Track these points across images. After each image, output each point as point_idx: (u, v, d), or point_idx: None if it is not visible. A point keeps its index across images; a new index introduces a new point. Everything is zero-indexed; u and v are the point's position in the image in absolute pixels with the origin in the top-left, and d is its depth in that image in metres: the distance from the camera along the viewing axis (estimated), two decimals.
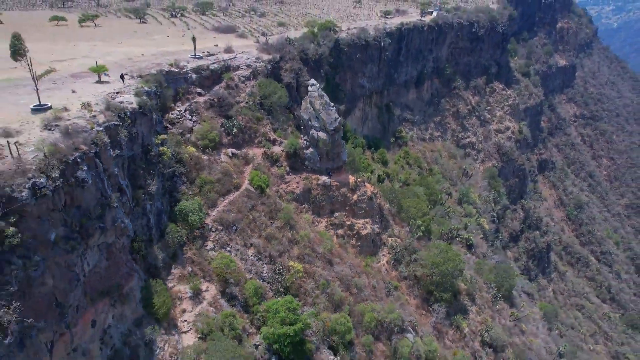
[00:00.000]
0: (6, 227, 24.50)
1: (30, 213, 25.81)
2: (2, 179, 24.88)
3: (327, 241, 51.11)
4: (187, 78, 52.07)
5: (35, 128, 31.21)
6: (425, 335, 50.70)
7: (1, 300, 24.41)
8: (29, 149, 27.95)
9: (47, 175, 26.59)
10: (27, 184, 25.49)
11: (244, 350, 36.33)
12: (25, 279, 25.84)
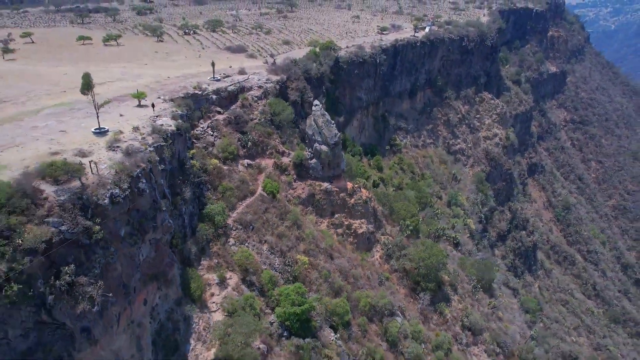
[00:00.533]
0: (93, 226, 33.23)
1: (109, 215, 34.54)
2: (90, 191, 33.65)
3: (328, 238, 59.97)
4: (208, 99, 60.85)
5: (102, 149, 39.88)
6: (412, 318, 59.56)
7: (90, 279, 33.13)
8: (103, 166, 36.66)
9: (119, 187, 35.35)
10: (107, 193, 34.23)
11: (262, 325, 45.13)
12: (105, 265, 34.54)
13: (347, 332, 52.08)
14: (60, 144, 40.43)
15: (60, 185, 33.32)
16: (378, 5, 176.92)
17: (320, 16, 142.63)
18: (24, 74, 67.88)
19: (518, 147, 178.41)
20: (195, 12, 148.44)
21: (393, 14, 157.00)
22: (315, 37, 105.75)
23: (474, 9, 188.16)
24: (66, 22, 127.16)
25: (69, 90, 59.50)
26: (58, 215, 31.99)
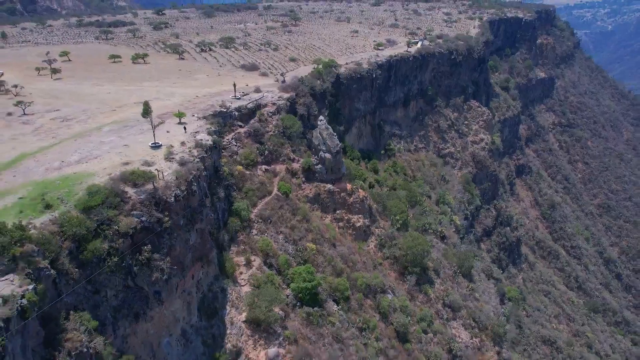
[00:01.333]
0: (163, 217, 45.85)
1: (173, 210, 47.16)
2: (160, 191, 46.30)
3: (331, 230, 72.65)
4: (231, 115, 73.47)
5: (160, 160, 52.43)
6: (400, 296, 72.27)
7: (161, 256, 45.78)
8: (166, 173, 49.27)
9: (179, 189, 48.00)
10: (172, 194, 46.88)
11: (281, 296, 57.84)
12: (170, 246, 47.19)
13: (347, 304, 64.85)
14: (127, 156, 53.03)
15: (138, 188, 46.02)
16: (376, 18, 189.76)
17: (321, 30, 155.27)
18: (75, 94, 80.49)
19: (507, 150, 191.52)
20: (206, 26, 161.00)
21: (389, 27, 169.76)
22: (318, 54, 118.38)
23: (466, 19, 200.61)
24: (91, 38, 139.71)
25: (117, 108, 72.22)
26: (139, 209, 44.71)
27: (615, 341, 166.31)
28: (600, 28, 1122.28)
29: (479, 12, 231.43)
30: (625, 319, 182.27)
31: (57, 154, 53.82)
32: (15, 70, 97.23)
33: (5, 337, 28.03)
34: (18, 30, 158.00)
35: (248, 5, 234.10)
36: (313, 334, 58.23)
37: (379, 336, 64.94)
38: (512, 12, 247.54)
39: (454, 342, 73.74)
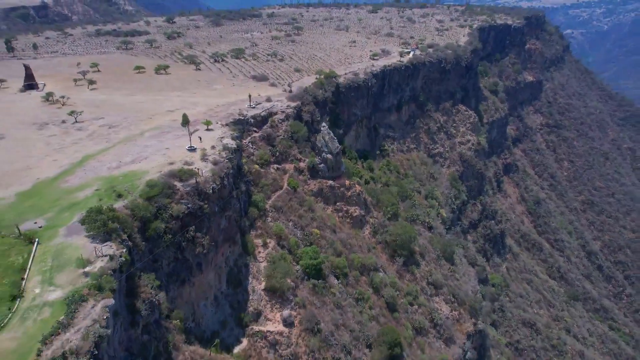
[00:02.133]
0: (204, 205, 59.39)
1: (210, 200, 60.70)
2: (201, 185, 59.83)
3: (332, 219, 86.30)
4: (248, 122, 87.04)
5: (197, 160, 65.81)
6: (390, 274, 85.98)
7: (202, 235, 59.31)
8: (204, 170, 62.74)
9: (215, 183, 61.55)
10: (210, 187, 60.43)
11: (292, 270, 71.50)
12: (208, 228, 60.77)
13: (345, 279, 78.61)
14: (170, 157, 66.54)
15: (184, 182, 59.61)
16: (372, 27, 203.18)
17: (322, 40, 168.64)
18: (112, 103, 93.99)
19: (494, 149, 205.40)
20: (216, 36, 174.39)
21: (385, 36, 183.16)
22: (319, 64, 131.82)
23: (457, 27, 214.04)
24: (112, 48, 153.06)
25: (152, 116, 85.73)
26: (186, 199, 58.29)
27: (592, 326, 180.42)
28: (596, 28, 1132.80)
29: (470, 19, 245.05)
30: (604, 306, 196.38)
31: (114, 156, 67.43)
32: (53, 81, 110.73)
33: (116, 283, 41.60)
34: (43, 39, 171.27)
35: (252, 13, 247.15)
36: (318, 301, 71.98)
37: (372, 306, 78.71)
38: (502, 18, 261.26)
39: (436, 313, 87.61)
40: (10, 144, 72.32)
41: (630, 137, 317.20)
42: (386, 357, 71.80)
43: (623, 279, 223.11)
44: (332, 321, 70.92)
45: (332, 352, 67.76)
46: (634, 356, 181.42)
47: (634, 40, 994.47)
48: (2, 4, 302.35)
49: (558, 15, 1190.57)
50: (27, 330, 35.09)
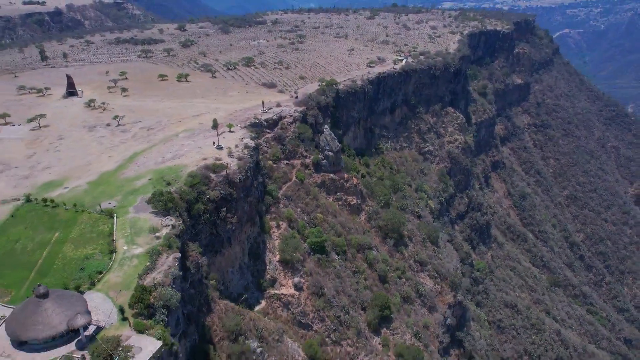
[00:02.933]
0: (233, 191, 75.45)
1: (237, 188, 76.77)
2: (231, 175, 75.88)
3: (333, 206, 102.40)
4: (262, 124, 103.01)
5: (225, 156, 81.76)
6: (382, 253, 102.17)
7: (231, 215, 75.38)
8: (232, 165, 78.74)
9: (241, 174, 77.61)
10: (237, 177, 76.49)
11: (301, 247, 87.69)
12: (235, 210, 76.86)
13: (344, 256, 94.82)
14: (203, 154, 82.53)
15: (217, 173, 75.68)
16: (369, 34, 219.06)
17: (323, 48, 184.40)
18: (145, 108, 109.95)
19: (483, 147, 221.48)
20: (226, 44, 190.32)
21: (381, 43, 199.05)
22: (321, 72, 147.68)
23: (448, 34, 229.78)
24: (134, 56, 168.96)
25: (182, 120, 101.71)
26: (219, 186, 74.41)
27: (571, 309, 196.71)
28: (593, 27, 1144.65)
29: (462, 25, 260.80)
30: (583, 292, 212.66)
31: (157, 153, 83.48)
32: (89, 88, 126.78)
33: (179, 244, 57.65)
34: (67, 47, 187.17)
35: (257, 19, 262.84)
36: (322, 272, 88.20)
37: (366, 277, 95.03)
38: (492, 24, 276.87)
39: (421, 286, 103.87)
40: (70, 143, 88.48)
41: (615, 136, 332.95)
42: (377, 317, 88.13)
43: (603, 268, 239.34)
44: (333, 287, 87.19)
45: (334, 311, 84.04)
46: (609, 337, 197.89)
47: (630, 39, 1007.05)
48: (18, 10, 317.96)
49: (556, 15, 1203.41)
50: (125, 272, 51.25)
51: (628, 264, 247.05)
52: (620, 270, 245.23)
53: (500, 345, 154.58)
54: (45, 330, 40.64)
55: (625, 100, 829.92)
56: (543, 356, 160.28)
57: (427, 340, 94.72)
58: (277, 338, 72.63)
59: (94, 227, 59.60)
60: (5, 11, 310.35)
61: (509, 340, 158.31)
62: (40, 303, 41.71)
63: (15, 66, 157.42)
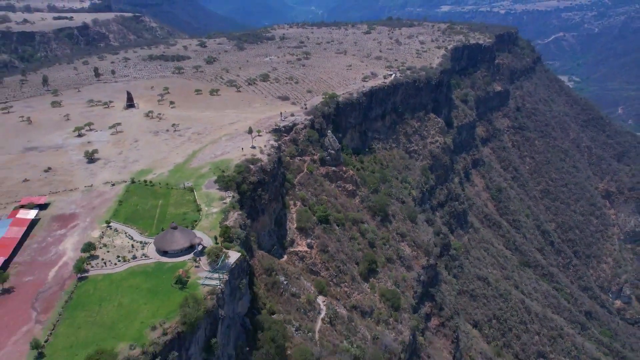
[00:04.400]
0: (264, 177, 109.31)
1: (268, 175, 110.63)
2: (264, 166, 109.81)
3: (334, 191, 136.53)
4: (281, 130, 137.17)
5: (258, 153, 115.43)
6: (372, 226, 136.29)
7: (265, 193, 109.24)
8: (264, 158, 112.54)
9: (271, 166, 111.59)
10: (268, 167, 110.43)
11: (312, 218, 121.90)
12: (267, 190, 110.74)
13: (343, 227, 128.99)
14: (242, 152, 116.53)
15: (254, 165, 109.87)
16: (366, 49, 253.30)
17: (326, 64, 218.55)
18: (191, 118, 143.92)
19: (464, 147, 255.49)
20: (243, 60, 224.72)
21: (374, 58, 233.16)
22: (325, 86, 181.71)
23: (435, 49, 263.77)
24: (168, 72, 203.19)
25: (221, 127, 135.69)
26: (256, 174, 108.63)
27: (538, 285, 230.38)
28: (588, 30, 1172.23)
29: (449, 39, 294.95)
30: (550, 272, 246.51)
31: (209, 151, 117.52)
32: (141, 101, 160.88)
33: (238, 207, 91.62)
34: (108, 63, 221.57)
35: (266, 34, 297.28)
36: (327, 236, 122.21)
37: (359, 242, 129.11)
38: (476, 37, 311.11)
39: (401, 251, 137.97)
40: (144, 144, 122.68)
41: (591, 137, 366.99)
42: (367, 269, 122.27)
43: (571, 253, 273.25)
44: (335, 247, 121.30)
45: (335, 263, 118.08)
46: (570, 308, 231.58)
47: (622, 42, 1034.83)
48: (50, 25, 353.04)
49: (551, 19, 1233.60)
50: (210, 221, 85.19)
51: (593, 250, 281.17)
52: (587, 254, 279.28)
53: (472, 310, 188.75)
54: (177, 245, 74.53)
55: (616, 102, 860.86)
56: (509, 320, 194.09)
57: (404, 288, 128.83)
58: (297, 277, 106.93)
59: (182, 198, 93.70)
60: (40, 26, 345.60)
61: (480, 306, 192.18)
62: (173, 232, 75.69)
63: (73, 82, 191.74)
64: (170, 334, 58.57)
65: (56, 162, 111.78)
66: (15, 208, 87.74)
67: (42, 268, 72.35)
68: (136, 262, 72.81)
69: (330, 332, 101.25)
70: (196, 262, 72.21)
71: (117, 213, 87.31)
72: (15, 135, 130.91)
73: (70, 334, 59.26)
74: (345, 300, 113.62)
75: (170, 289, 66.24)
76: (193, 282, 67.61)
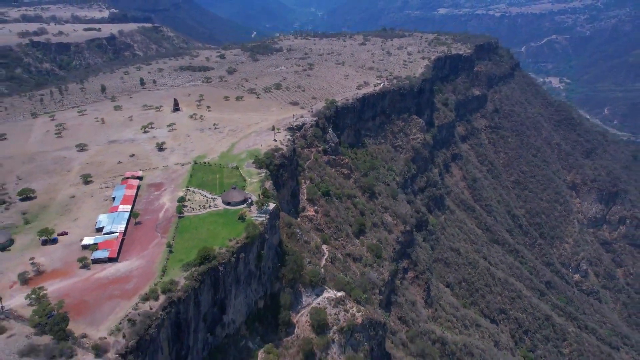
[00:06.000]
0: (284, 161, 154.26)
1: (287, 159, 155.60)
2: (284, 153, 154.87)
3: (334, 174, 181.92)
4: (294, 128, 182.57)
5: (279, 144, 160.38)
6: (362, 200, 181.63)
7: (285, 173, 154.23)
8: (284, 148, 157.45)
9: (289, 153, 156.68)
10: (287, 154, 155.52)
11: (317, 192, 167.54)
12: (286, 170, 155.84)
13: (340, 200, 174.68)
14: (268, 143, 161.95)
15: (277, 152, 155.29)
16: (360, 61, 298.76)
17: (327, 73, 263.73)
18: (225, 119, 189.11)
19: (444, 144, 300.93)
20: (258, 70, 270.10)
21: (367, 69, 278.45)
22: (326, 93, 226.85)
23: (420, 59, 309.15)
24: (198, 81, 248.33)
25: (249, 126, 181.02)
26: (279, 158, 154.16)
27: (504, 258, 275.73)
28: (580, 33, 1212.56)
29: (433, 50, 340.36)
30: (517, 249, 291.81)
31: (243, 143, 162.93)
32: (183, 105, 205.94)
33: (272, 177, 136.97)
34: (145, 73, 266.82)
35: (274, 46, 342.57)
36: (328, 205, 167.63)
37: (352, 211, 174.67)
38: (458, 48, 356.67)
39: (384, 219, 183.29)
40: (195, 138, 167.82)
41: (563, 136, 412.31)
42: (358, 229, 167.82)
43: (537, 234, 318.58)
44: (334, 213, 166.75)
45: (334, 224, 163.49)
46: (531, 278, 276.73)
47: (612, 45, 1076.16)
48: (82, 35, 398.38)
49: (545, 21, 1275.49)
50: (253, 187, 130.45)
51: (557, 232, 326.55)
52: (551, 236, 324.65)
53: (446, 274, 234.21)
54: (236, 199, 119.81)
55: (604, 103, 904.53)
56: (476, 283, 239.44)
57: (386, 245, 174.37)
58: (307, 231, 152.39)
59: (232, 173, 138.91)
60: (73, 37, 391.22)
61: (452, 272, 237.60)
62: (233, 191, 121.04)
63: (123, 89, 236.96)
64: (240, 243, 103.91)
65: (135, 150, 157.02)
66: (124, 179, 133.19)
67: (153, 212, 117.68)
68: (211, 209, 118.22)
69: (331, 267, 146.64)
70: (249, 209, 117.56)
71: (191, 182, 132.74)
72: (96, 132, 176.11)
73: (183, 243, 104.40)
74: (342, 250, 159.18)
75: (235, 222, 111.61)
76: (249, 219, 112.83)
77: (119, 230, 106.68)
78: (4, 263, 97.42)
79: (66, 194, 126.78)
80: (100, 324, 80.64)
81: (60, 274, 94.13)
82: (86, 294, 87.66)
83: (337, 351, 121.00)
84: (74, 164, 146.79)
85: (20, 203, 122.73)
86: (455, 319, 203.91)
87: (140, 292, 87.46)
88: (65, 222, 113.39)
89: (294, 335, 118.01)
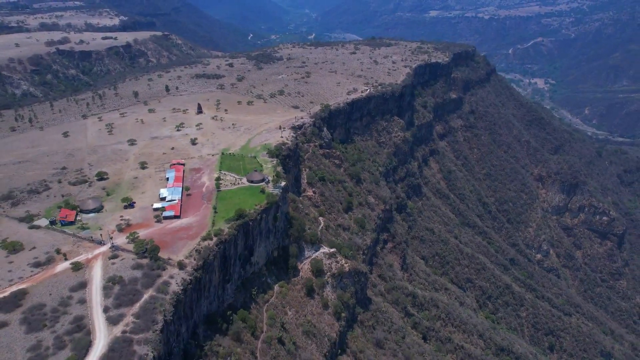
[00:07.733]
0: (289, 153, 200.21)
1: (291, 151, 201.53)
2: (290, 147, 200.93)
3: (328, 164, 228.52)
4: (296, 127, 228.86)
5: (285, 140, 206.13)
6: (350, 184, 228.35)
7: (290, 162, 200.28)
8: (289, 142, 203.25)
9: (294, 147, 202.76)
10: (292, 146, 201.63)
11: (315, 176, 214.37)
12: (291, 161, 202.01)
13: (333, 184, 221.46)
14: (276, 139, 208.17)
15: (284, 146, 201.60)
16: (351, 69, 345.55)
17: (322, 81, 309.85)
18: (240, 120, 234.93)
19: (423, 141, 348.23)
20: (263, 78, 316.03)
21: (356, 77, 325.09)
22: (321, 98, 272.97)
23: (402, 67, 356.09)
24: (213, 87, 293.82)
25: (260, 125, 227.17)
26: (286, 150, 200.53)
27: (474, 238, 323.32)
28: (565, 36, 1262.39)
29: (415, 58, 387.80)
30: (485, 231, 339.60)
31: (257, 139, 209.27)
32: (205, 109, 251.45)
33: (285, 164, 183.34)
34: (166, 80, 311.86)
35: (275, 55, 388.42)
36: (323, 187, 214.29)
37: (342, 193, 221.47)
38: (437, 56, 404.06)
39: (369, 199, 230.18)
40: (219, 135, 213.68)
41: (533, 135, 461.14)
42: (347, 206, 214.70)
43: (505, 219, 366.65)
44: (328, 194, 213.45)
45: (329, 202, 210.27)
46: (496, 255, 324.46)
47: (595, 47, 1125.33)
48: (102, 44, 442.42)
49: (531, 24, 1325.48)
50: (268, 170, 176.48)
51: (522, 217, 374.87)
52: (517, 221, 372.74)
53: (421, 249, 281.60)
54: (257, 178, 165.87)
55: (584, 103, 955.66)
56: (447, 257, 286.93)
57: (369, 220, 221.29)
58: (308, 206, 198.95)
59: (251, 161, 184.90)
60: (94, 46, 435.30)
61: (427, 247, 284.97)
62: (255, 172, 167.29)
63: (150, 94, 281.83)
64: (262, 207, 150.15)
65: (174, 144, 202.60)
66: (171, 165, 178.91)
67: (198, 187, 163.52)
68: (239, 186, 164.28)
69: (326, 233, 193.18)
70: (267, 185, 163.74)
71: (221, 167, 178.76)
72: (140, 130, 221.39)
73: (223, 206, 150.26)
74: (334, 221, 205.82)
75: (258, 194, 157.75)
76: (267, 192, 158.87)
77: (177, 199, 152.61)
78: (102, 219, 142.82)
79: (130, 176, 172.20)
80: (178, 252, 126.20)
81: (143, 226, 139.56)
82: (164, 237, 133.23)
83: (330, 290, 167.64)
84: (129, 155, 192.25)
85: (98, 182, 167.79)
86: (427, 283, 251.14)
87: (201, 234, 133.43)
88: (135, 194, 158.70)
89: (299, 276, 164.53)
